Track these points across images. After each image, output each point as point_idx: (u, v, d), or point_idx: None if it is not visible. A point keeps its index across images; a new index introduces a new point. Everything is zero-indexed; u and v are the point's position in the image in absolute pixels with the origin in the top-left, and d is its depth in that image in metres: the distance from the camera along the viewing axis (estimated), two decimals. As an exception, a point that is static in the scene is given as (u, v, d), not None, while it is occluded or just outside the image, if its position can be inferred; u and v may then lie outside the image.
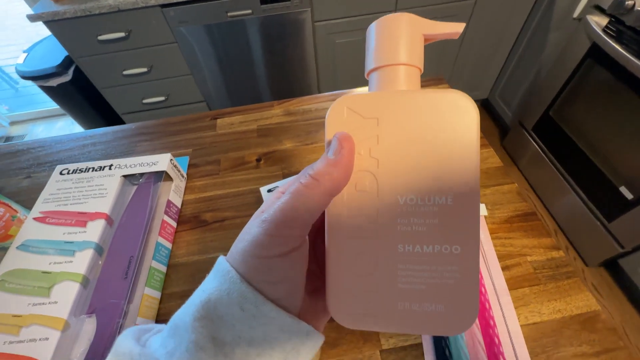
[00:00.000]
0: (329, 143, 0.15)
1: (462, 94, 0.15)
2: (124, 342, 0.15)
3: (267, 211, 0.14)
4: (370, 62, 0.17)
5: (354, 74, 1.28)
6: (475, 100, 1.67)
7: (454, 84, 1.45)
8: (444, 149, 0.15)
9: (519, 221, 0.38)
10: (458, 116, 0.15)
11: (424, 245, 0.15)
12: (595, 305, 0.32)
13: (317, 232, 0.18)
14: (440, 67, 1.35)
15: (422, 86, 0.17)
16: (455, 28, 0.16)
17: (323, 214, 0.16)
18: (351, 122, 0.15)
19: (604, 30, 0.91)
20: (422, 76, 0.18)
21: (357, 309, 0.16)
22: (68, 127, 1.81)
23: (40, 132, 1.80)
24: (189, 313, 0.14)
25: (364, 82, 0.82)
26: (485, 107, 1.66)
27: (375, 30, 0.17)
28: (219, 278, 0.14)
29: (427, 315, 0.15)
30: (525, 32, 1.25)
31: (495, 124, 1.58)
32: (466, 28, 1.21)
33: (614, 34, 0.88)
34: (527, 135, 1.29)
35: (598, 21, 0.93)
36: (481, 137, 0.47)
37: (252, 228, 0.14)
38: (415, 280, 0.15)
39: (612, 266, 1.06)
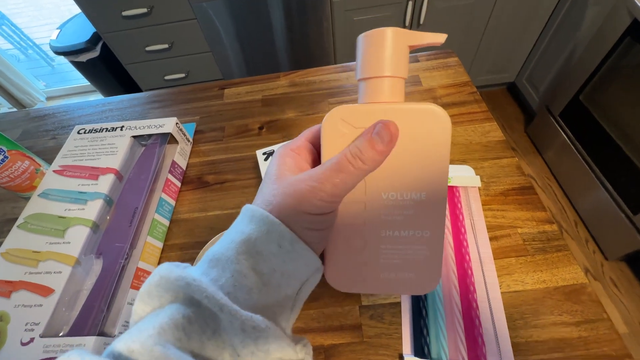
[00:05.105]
0: (374, 127, 0.17)
1: (437, 106, 0.17)
2: (166, 266, 0.16)
3: (320, 179, 0.16)
4: (359, 72, 0.18)
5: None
6: (501, 84, 1.59)
7: (479, 66, 1.37)
8: (419, 154, 0.17)
9: (515, 194, 0.37)
10: (432, 125, 0.17)
11: (402, 230, 0.19)
12: (583, 278, 0.31)
13: None
14: (464, 47, 1.28)
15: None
16: (437, 38, 0.17)
17: None
18: (344, 131, 0.18)
19: (647, 5, 0.83)
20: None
21: (349, 278, 0.20)
22: (98, 103, 1.90)
23: (74, 107, 1.90)
24: (231, 249, 0.16)
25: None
26: (511, 91, 1.57)
27: (363, 43, 0.18)
28: (256, 222, 0.17)
29: (402, 281, 0.20)
30: (561, 7, 1.15)
31: (521, 109, 1.50)
32: (494, 3, 1.14)
33: (658, 9, 0.80)
34: (554, 121, 1.21)
35: (642, -6, 0.85)
36: (489, 110, 0.46)
37: (299, 186, 0.16)
38: (393, 256, 0.19)
39: (633, 261, 1.00)
